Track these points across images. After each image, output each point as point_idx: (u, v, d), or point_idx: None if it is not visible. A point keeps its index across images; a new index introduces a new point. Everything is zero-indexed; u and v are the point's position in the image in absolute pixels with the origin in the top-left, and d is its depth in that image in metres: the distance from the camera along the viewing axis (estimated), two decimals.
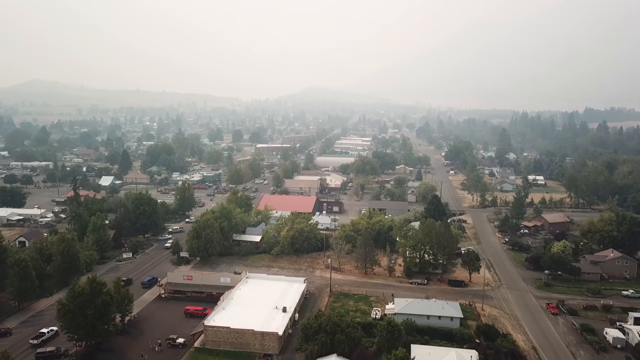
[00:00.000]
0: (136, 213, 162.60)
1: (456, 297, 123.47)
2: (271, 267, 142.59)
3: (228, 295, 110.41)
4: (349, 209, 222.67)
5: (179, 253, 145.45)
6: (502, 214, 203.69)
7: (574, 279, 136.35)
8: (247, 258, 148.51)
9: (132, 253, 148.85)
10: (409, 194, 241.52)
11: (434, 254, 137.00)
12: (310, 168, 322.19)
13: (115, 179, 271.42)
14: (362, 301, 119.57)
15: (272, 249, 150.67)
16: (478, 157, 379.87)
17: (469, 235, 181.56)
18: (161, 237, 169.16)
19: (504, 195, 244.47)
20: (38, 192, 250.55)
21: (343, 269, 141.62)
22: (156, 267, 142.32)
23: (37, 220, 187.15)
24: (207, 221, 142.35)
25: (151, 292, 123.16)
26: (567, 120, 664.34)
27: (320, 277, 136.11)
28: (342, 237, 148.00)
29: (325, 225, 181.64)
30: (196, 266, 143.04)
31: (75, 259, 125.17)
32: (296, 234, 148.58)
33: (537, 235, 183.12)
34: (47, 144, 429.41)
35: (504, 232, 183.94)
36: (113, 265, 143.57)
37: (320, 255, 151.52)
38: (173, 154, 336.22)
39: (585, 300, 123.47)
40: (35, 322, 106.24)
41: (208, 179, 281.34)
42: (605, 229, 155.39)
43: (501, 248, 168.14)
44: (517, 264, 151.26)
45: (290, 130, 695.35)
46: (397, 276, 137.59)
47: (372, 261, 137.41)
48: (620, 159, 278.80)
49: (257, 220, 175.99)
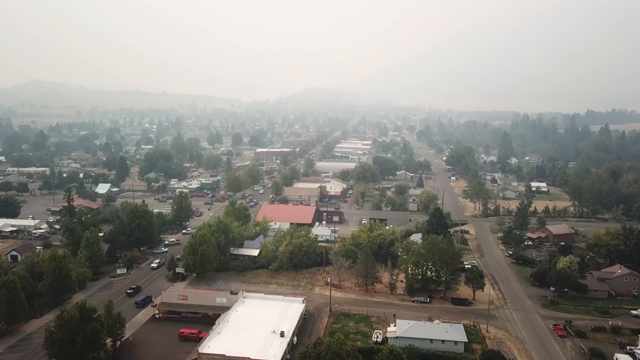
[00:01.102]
0: (131, 226, 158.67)
1: (460, 316, 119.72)
2: (269, 284, 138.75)
3: (224, 317, 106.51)
4: (349, 219, 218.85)
5: (174, 269, 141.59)
6: (505, 224, 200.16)
7: (581, 296, 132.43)
8: (244, 274, 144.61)
9: (126, 269, 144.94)
10: (410, 202, 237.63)
11: (437, 270, 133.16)
12: (310, 174, 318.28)
13: (112, 187, 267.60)
14: (363, 322, 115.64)
15: (271, 263, 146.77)
16: (479, 162, 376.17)
17: (471, 247, 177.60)
18: (157, 251, 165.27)
19: (506, 203, 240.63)
20: (33, 201, 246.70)
21: (343, 286, 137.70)
22: (151, 284, 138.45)
23: (30, 232, 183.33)
24: (204, 236, 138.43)
25: (145, 312, 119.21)
26: (568, 122, 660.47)
27: (319, 294, 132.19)
28: (342, 252, 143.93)
29: (325, 237, 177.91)
30: (192, 282, 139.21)
31: (67, 278, 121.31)
32: (295, 248, 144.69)
33: (541, 248, 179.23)
34: (45, 149, 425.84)
35: (508, 244, 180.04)
36: (107, 281, 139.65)
37: (319, 270, 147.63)
38: (171, 160, 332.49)
39: (593, 320, 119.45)
40: (24, 347, 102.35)
41: (206, 186, 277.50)
42: (612, 242, 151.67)
43: (505, 261, 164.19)
44: (522, 279, 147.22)
45: (290, 133, 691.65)
46: (399, 294, 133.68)
47: (373, 278, 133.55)
48: (624, 166, 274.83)
49: (256, 232, 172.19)
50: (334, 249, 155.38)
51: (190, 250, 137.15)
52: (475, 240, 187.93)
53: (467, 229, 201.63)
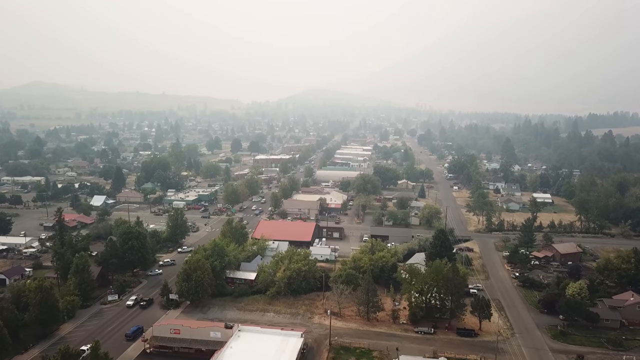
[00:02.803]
0: (124, 248, 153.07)
1: (466, 350, 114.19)
2: (266, 312, 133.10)
3: (218, 356, 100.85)
4: (350, 234, 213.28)
5: (167, 295, 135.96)
6: (510, 241, 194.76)
7: (592, 326, 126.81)
8: (240, 300, 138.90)
9: (117, 295, 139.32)
10: (412, 216, 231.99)
11: (442, 299, 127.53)
12: (309, 184, 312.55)
13: (107, 198, 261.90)
14: (365, 357, 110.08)
15: (268, 288, 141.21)
16: (482, 170, 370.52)
17: (475, 267, 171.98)
18: (151, 273, 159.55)
19: (510, 217, 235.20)
20: (27, 214, 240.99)
21: (343, 314, 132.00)
22: (143, 312, 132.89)
23: (21, 251, 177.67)
24: (198, 262, 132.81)
25: (135, 347, 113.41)
26: (570, 127, 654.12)
27: (319, 324, 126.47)
28: (343, 277, 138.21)
29: (324, 256, 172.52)
30: (186, 310, 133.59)
31: (54, 309, 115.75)
32: (293, 273, 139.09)
33: (548, 267, 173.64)
34: (41, 156, 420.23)
35: (514, 264, 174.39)
36: (97, 309, 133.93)
37: (319, 296, 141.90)
38: (169, 169, 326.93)
39: (606, 354, 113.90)
40: None
41: (204, 197, 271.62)
42: (622, 266, 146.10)
43: (511, 284, 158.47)
44: (530, 305, 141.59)
45: (290, 138, 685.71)
46: (402, 322, 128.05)
47: (375, 307, 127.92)
48: (631, 178, 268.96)
49: (253, 251, 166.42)
50: (334, 272, 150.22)
51: (184, 277, 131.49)
52: (479, 259, 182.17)
53: (471, 246, 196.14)
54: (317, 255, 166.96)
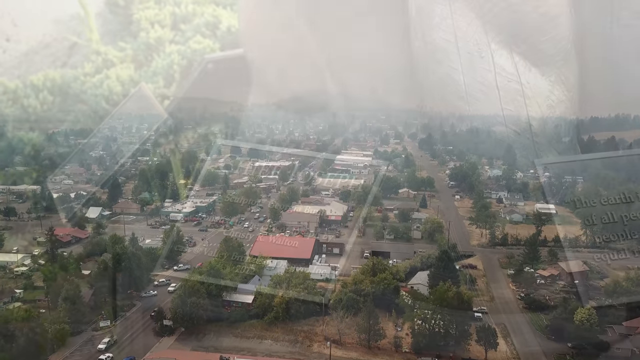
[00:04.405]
0: (117, 269, 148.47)
1: None
2: (264, 339, 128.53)
3: None
4: (351, 248, 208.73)
5: (162, 321, 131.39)
6: (515, 258, 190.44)
7: (602, 355, 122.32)
8: (237, 326, 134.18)
9: (109, 320, 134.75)
10: (414, 229, 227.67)
11: (446, 325, 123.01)
12: (309, 193, 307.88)
13: (103, 210, 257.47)
14: None
15: (266, 313, 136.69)
16: (484, 178, 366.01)
17: (479, 286, 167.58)
18: (145, 294, 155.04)
19: (514, 229, 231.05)
20: (21, 227, 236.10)
21: (344, 341, 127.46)
22: (136, 339, 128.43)
23: (12, 270, 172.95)
24: (193, 287, 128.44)
25: None
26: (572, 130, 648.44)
27: (318, 353, 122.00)
28: (343, 302, 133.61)
29: (324, 275, 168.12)
30: (180, 337, 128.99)
31: (42, 340, 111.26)
32: (292, 299, 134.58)
33: (554, 287, 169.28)
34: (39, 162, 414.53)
35: (519, 284, 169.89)
36: (89, 336, 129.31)
37: (318, 321, 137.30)
38: (167, 177, 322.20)
39: None
40: None
41: (201, 209, 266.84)
42: (632, 289, 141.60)
43: (517, 306, 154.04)
44: (536, 330, 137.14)
45: (290, 142, 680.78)
46: (405, 351, 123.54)
47: (376, 336, 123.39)
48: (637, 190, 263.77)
49: (250, 270, 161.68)
50: (334, 294, 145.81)
51: (179, 303, 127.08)
52: (483, 277, 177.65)
53: (474, 263, 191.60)
54: (316, 275, 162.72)
